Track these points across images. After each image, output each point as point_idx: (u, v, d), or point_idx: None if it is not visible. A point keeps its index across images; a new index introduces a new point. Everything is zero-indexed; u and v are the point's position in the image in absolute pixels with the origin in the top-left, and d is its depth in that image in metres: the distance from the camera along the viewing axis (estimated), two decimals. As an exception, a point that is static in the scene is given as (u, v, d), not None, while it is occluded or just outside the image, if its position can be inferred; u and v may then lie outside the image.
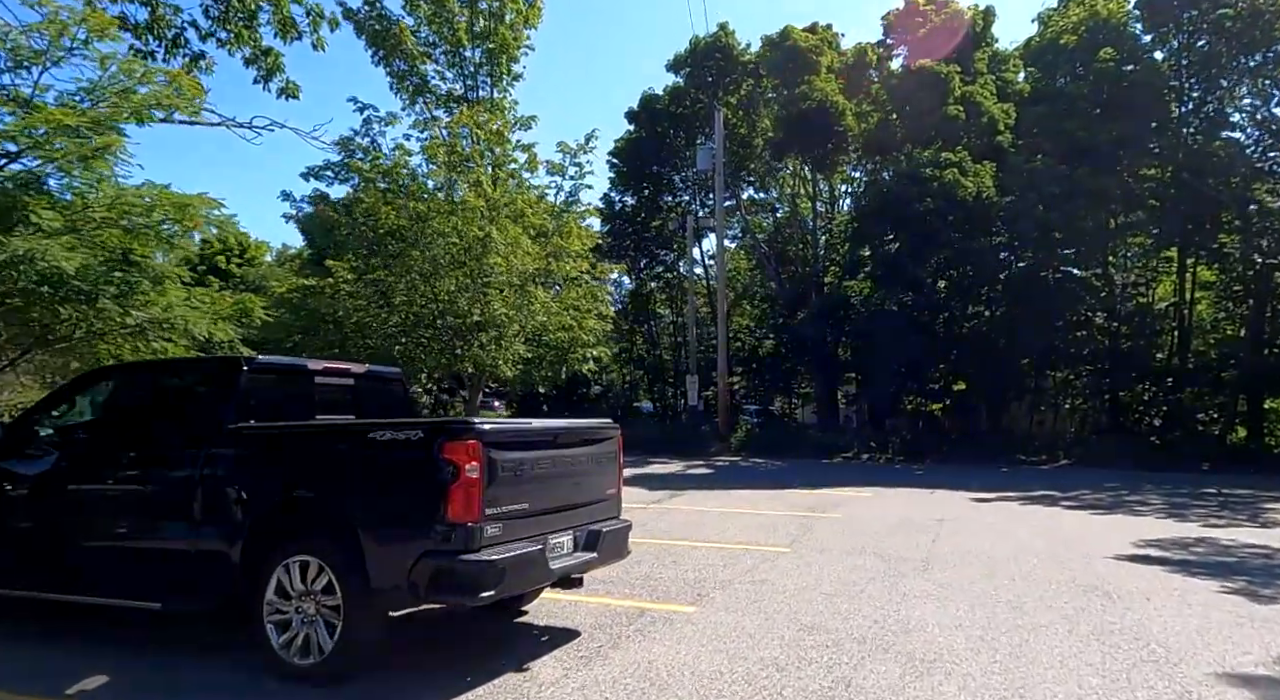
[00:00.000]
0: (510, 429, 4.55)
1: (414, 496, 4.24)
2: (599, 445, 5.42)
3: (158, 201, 6.91)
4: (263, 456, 4.73)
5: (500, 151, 13.91)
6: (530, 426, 4.75)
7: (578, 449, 5.15)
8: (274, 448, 4.75)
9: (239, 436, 4.77)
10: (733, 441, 25.08)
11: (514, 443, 4.53)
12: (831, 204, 31.34)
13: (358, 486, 4.38)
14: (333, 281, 13.93)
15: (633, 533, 10.00)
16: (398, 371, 6.42)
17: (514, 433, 4.57)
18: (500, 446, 4.37)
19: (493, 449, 4.30)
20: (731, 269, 40.49)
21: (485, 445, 4.24)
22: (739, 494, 14.39)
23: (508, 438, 4.48)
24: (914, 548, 8.97)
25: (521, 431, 4.64)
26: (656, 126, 31.36)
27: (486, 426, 4.31)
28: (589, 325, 14.49)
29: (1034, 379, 24.13)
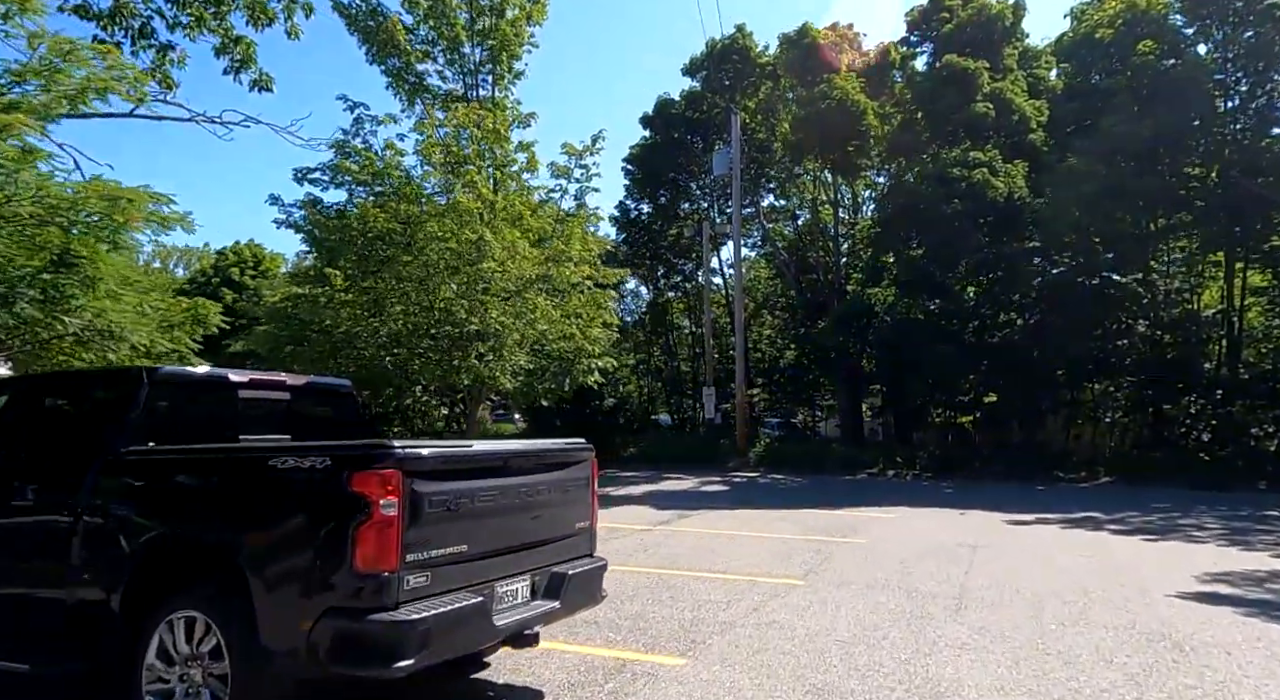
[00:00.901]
0: (444, 454, 3.71)
1: (316, 540, 3.43)
2: (566, 471, 4.58)
3: (83, 194, 6.25)
4: (149, 487, 3.95)
5: (501, 152, 13.22)
6: (472, 450, 3.90)
7: (537, 476, 4.31)
8: (160, 476, 3.97)
9: (128, 464, 4.00)
10: (751, 456, 24.08)
11: (449, 471, 3.70)
12: (854, 209, 30.31)
13: (252, 526, 3.57)
14: (325, 290, 13.31)
15: (632, 559, 9.16)
16: (347, 384, 5.64)
17: (449, 458, 3.74)
18: (429, 476, 3.55)
19: (418, 479, 3.47)
20: (751, 278, 39.57)
21: (407, 475, 3.42)
22: (753, 514, 13.43)
23: (440, 465, 3.66)
24: (944, 581, 7.98)
25: (459, 457, 3.81)
26: (672, 132, 30.62)
27: (411, 452, 3.48)
28: (593, 334, 13.68)
29: (1070, 391, 22.83)
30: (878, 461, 22.11)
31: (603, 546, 10.37)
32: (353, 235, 12.09)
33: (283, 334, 12.63)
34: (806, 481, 20.01)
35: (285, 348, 13.17)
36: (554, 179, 15.09)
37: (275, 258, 36.24)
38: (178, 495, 3.87)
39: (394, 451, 3.41)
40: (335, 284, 13.27)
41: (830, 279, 27.72)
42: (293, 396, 5.16)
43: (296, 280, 13.18)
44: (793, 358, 33.40)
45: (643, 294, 37.77)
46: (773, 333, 37.03)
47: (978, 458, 21.38)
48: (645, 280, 36.58)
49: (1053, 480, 19.89)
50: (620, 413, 29.27)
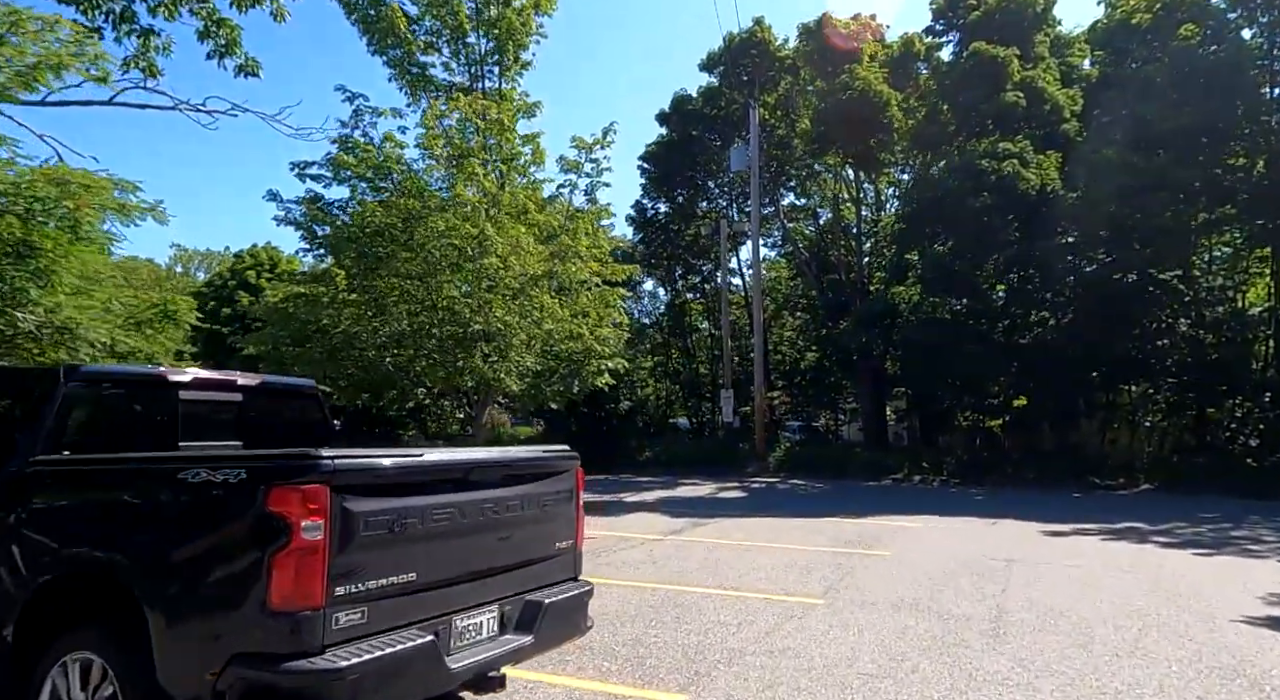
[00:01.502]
0: (385, 465, 3.13)
1: (225, 570, 2.86)
2: (545, 483, 3.98)
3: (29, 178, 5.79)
4: (48, 504, 3.42)
5: (506, 145, 12.69)
6: (422, 460, 3.31)
7: (508, 490, 3.71)
8: (61, 491, 3.44)
9: (30, 477, 3.47)
10: (771, 460, 23.34)
11: (393, 485, 3.11)
12: (876, 207, 29.45)
13: (153, 552, 3.01)
14: (325, 289, 12.87)
15: (638, 573, 8.53)
16: (310, 383, 5.10)
17: (392, 471, 3.15)
18: (367, 491, 2.97)
19: (352, 496, 2.90)
20: (771, 278, 38.78)
21: (338, 490, 2.84)
22: (771, 523, 12.74)
23: (380, 478, 3.07)
24: (979, 601, 7.26)
25: (406, 468, 3.21)
26: (690, 129, 30.00)
27: (343, 463, 2.90)
28: (602, 334, 13.09)
29: (1106, 393, 21.80)
30: (903, 466, 21.27)
31: (609, 558, 9.78)
32: (351, 231, 11.64)
33: (282, 335, 12.22)
34: (828, 487, 19.25)
35: (285, 349, 12.75)
36: (563, 173, 14.55)
37: (292, 260, 36.09)
38: (76, 514, 3.34)
39: (320, 462, 2.83)
40: (339, 283, 12.84)
41: (852, 278, 26.90)
42: (246, 398, 4.62)
43: (296, 279, 12.73)
44: (814, 360, 32.58)
45: (660, 295, 37.18)
46: (793, 334, 36.22)
47: (1008, 463, 20.46)
48: (663, 281, 35.97)
49: (1088, 487, 18.93)
50: (637, 416, 28.67)
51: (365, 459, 3.04)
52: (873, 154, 22.91)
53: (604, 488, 19.46)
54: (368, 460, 3.05)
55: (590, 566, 9.45)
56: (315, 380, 13.08)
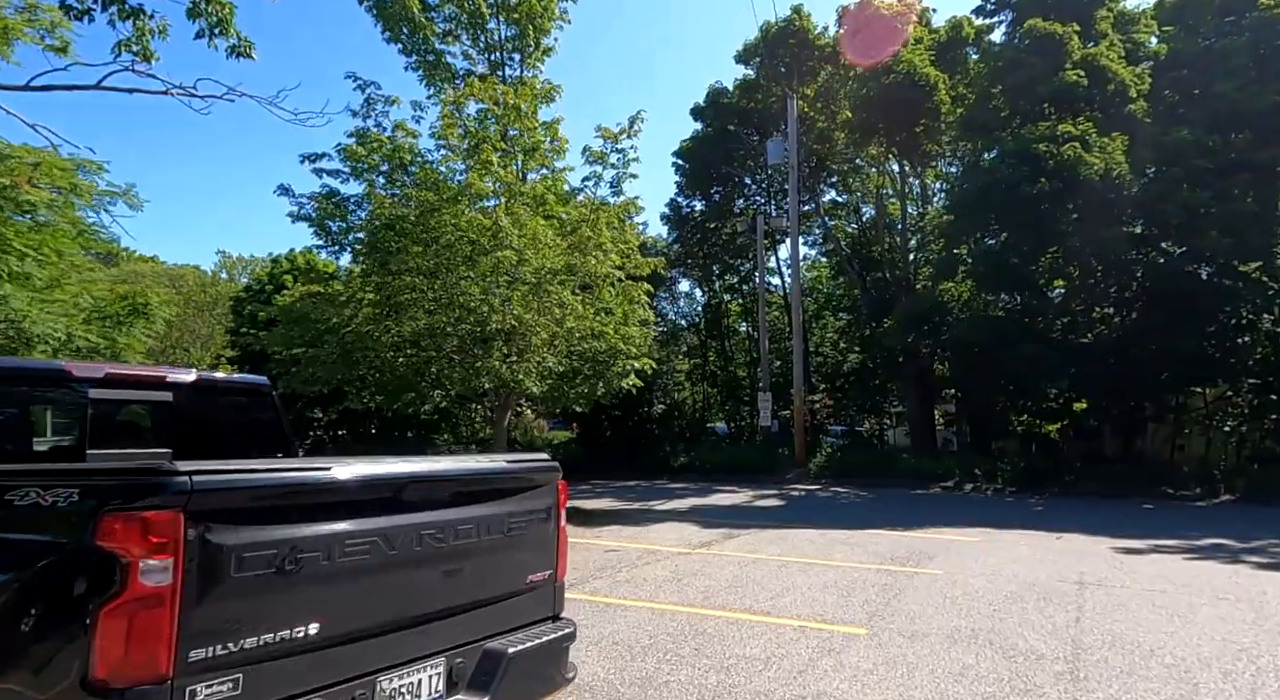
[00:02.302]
0: (269, 481, 2.38)
1: (39, 629, 2.15)
2: (512, 500, 3.21)
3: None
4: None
5: (526, 134, 12.02)
6: (327, 476, 2.54)
7: (460, 510, 2.95)
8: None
9: None
10: (811, 467, 22.24)
11: (281, 508, 2.37)
12: (922, 201, 28.07)
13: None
14: (342, 287, 12.39)
15: (660, 594, 7.71)
16: (262, 381, 4.43)
17: (278, 489, 2.40)
18: (241, 518, 2.24)
19: (217, 524, 2.17)
20: (812, 277, 37.57)
21: (195, 518, 2.12)
22: (810, 536, 11.78)
23: (261, 499, 2.33)
24: (1050, 633, 6.26)
25: (299, 486, 2.46)
26: (725, 123, 29.08)
27: (205, 479, 2.17)
28: (626, 332, 12.31)
29: (1176, 395, 20.16)
30: (953, 473, 19.97)
31: (629, 573, 8.98)
32: (364, 225, 11.12)
33: (294, 334, 11.76)
34: (872, 496, 18.13)
35: (299, 350, 12.28)
36: (588, 164, 13.82)
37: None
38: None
39: (169, 480, 2.10)
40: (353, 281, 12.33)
41: (897, 275, 25.61)
42: (181, 397, 3.94)
43: (310, 277, 12.25)
44: (857, 361, 31.30)
45: (697, 296, 36.29)
46: (835, 335, 34.98)
47: (1068, 471, 19.01)
48: (700, 281, 35.09)
49: (1160, 497, 17.42)
50: (673, 420, 27.81)
51: (243, 473, 2.29)
52: (918, 142, 21.65)
53: (635, 495, 18.67)
54: (247, 474, 2.30)
55: (608, 584, 8.69)
56: (330, 383, 12.67)
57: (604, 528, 12.82)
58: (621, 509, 15.70)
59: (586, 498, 18.18)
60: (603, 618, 6.91)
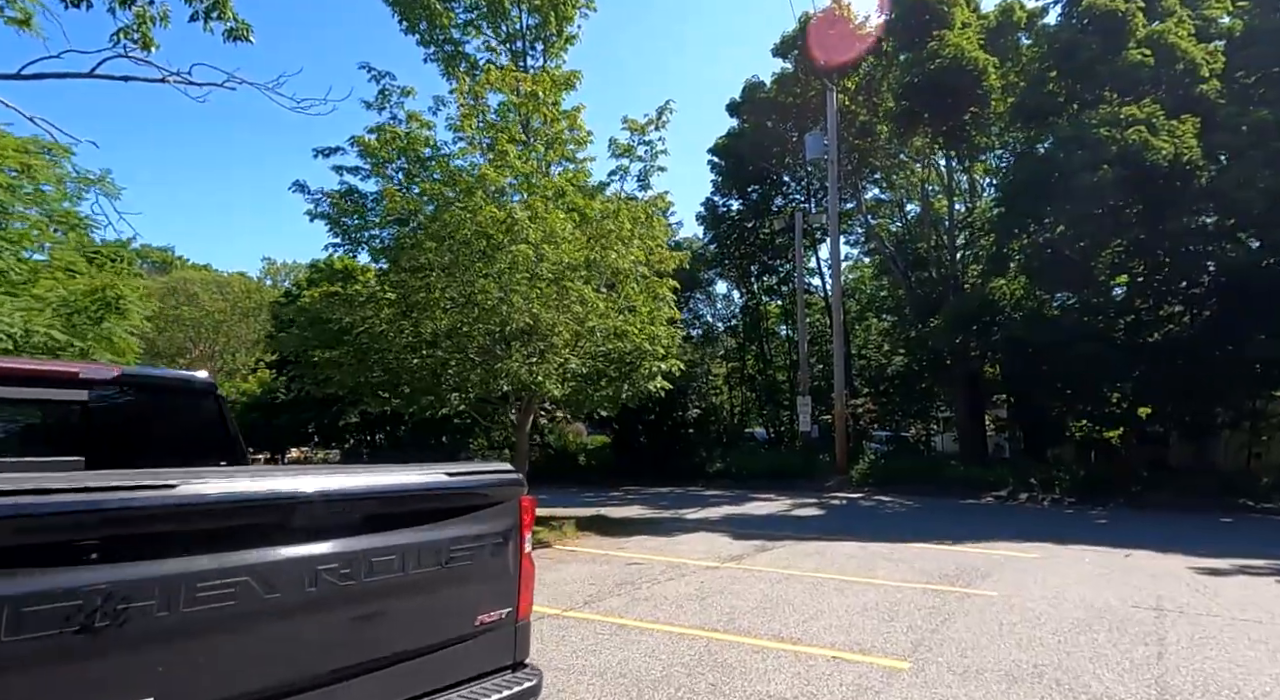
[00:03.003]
0: (73, 506, 1.76)
1: None
2: (454, 524, 2.57)
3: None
4: None
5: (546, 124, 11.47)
6: (175, 496, 1.92)
7: (375, 538, 2.32)
8: None
9: None
10: (853, 474, 21.24)
11: (90, 542, 1.76)
12: (970, 195, 26.76)
13: None
14: (360, 287, 12.00)
15: (680, 615, 7.01)
16: (200, 377, 3.89)
17: (85, 515, 1.78)
18: (14, 557, 1.63)
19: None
20: (854, 278, 36.39)
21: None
22: (850, 550, 10.93)
23: (53, 530, 1.72)
24: (1127, 672, 5.39)
25: (125, 510, 1.84)
26: (763, 119, 28.25)
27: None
28: (652, 332, 11.63)
29: (1254, 400, 18.63)
30: (1006, 482, 18.78)
31: (649, 590, 8.28)
32: (375, 220, 10.72)
33: (308, 336, 11.42)
34: (918, 505, 17.10)
35: (315, 351, 11.93)
36: (614, 158, 13.22)
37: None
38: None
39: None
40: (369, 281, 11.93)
41: (944, 273, 24.40)
42: (97, 397, 3.41)
43: (322, 274, 11.89)
44: (902, 364, 30.08)
45: (735, 298, 35.44)
46: (879, 337, 33.76)
47: (1133, 481, 17.67)
48: (737, 282, 34.25)
49: (1237, 509, 16.03)
50: (708, 425, 27.01)
51: (28, 494, 1.68)
52: (966, 132, 20.47)
53: (667, 502, 17.97)
54: (33, 496, 1.69)
55: (625, 602, 8.02)
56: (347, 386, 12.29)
57: (629, 538, 12.16)
58: (650, 517, 15.02)
59: (616, 505, 17.54)
60: (614, 642, 6.25)
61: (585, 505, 17.45)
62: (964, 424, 24.58)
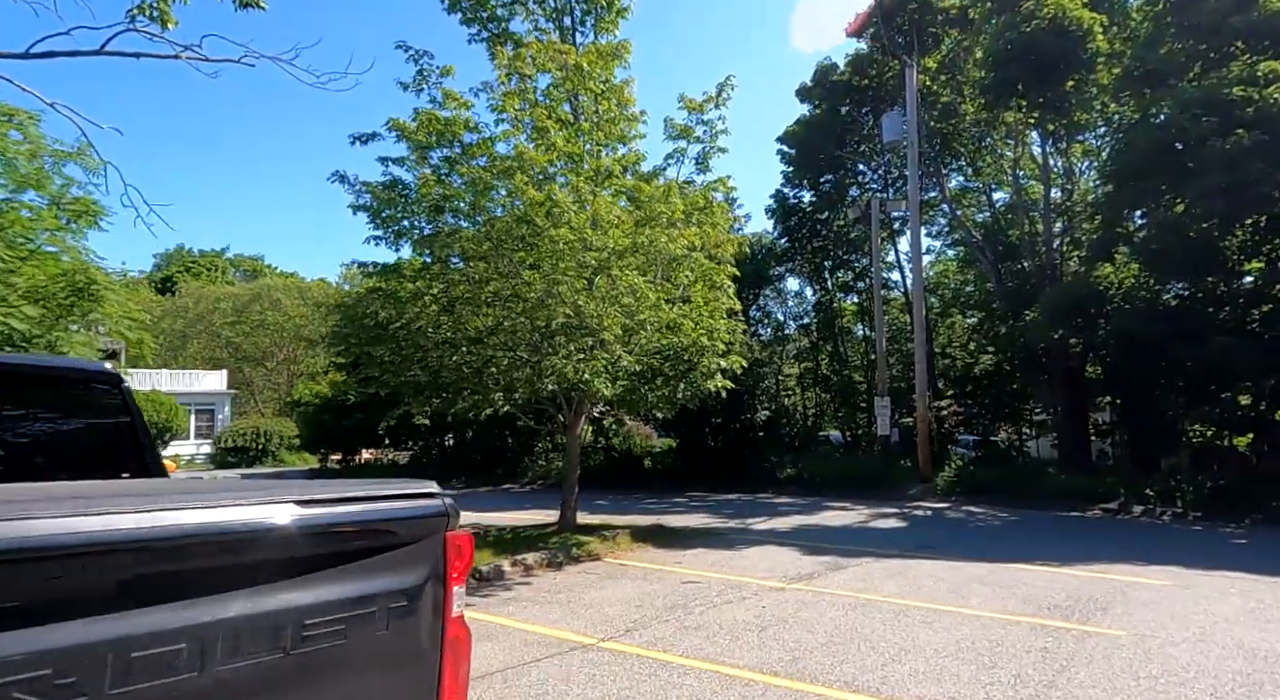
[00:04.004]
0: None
1: None
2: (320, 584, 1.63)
3: None
4: None
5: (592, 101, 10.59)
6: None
7: (153, 614, 1.39)
8: None
9: None
10: (938, 481, 19.54)
11: None
12: (1066, 179, 24.41)
13: None
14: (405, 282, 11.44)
15: (732, 651, 6.00)
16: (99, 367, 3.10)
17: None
18: None
19: None
20: (937, 272, 34.21)
21: None
22: (938, 569, 9.58)
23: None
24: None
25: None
26: (836, 104, 26.73)
27: None
28: (711, 325, 10.56)
29: None
30: (1115, 493, 16.74)
31: (701, 616, 7.21)
32: (411, 208, 10.08)
33: (348, 333, 10.91)
34: (1014, 518, 15.37)
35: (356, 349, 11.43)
36: (670, 141, 12.24)
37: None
38: None
39: None
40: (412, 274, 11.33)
41: (1039, 263, 22.27)
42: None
43: (366, 270, 11.35)
44: (990, 363, 27.86)
45: (808, 296, 33.82)
46: (964, 334, 31.52)
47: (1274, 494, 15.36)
48: (810, 279, 32.65)
49: (1407, 530, 13.63)
50: (779, 427, 25.61)
51: None
52: (1067, 103, 18.39)
53: (732, 510, 16.83)
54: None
55: (673, 631, 6.99)
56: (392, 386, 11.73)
57: (687, 551, 11.13)
58: (714, 527, 13.94)
59: (678, 512, 16.52)
60: (651, 686, 5.26)
61: (645, 512, 16.50)
62: (1063, 428, 22.38)
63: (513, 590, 8.56)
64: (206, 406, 43.25)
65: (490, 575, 9.05)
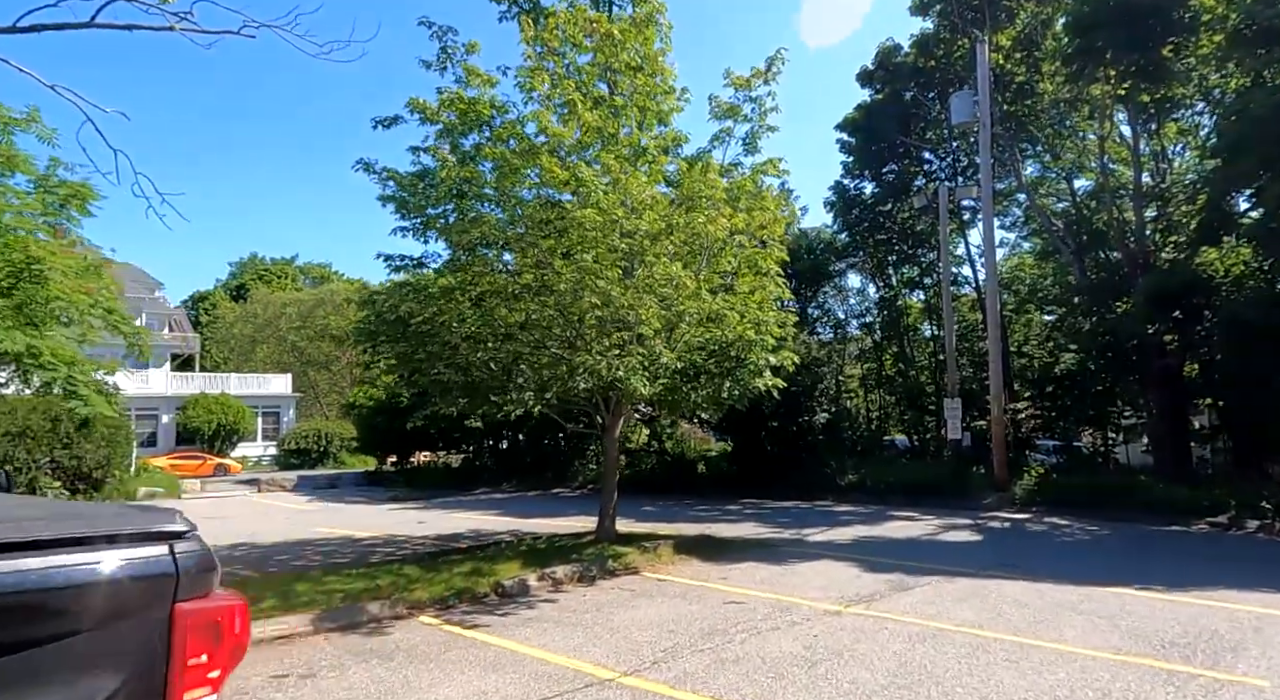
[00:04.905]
0: None
1: None
2: None
3: None
4: None
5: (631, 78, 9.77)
6: None
7: None
8: None
9: None
10: (1016, 490, 17.93)
11: None
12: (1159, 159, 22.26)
13: None
14: (430, 274, 10.86)
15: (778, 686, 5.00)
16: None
17: None
18: None
19: None
20: (1011, 267, 32.13)
21: None
22: (1021, 592, 8.33)
23: None
24: None
25: None
26: (900, 88, 25.21)
27: None
28: (757, 316, 9.56)
29: None
30: (1225, 506, 14.89)
31: (742, 646, 6.09)
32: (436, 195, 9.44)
33: (370, 328, 10.36)
34: (1105, 533, 13.78)
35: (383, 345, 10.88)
36: (715, 120, 11.30)
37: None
38: None
39: None
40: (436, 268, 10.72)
41: (1131, 251, 20.31)
42: None
43: (393, 263, 10.77)
44: (1073, 362, 25.76)
45: (870, 292, 32.23)
46: (1043, 330, 29.40)
47: None
48: (872, 275, 31.09)
49: None
50: (840, 430, 24.21)
51: None
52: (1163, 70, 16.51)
53: (788, 519, 15.70)
54: None
55: (707, 664, 5.99)
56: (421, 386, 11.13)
57: (735, 565, 10.15)
58: (765, 538, 12.89)
59: (730, 521, 15.51)
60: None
61: (694, 520, 15.55)
62: (1157, 432, 20.36)
63: (536, 608, 7.78)
64: (272, 409, 44.32)
65: (514, 591, 8.29)
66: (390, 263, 10.74)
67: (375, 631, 6.78)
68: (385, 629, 6.87)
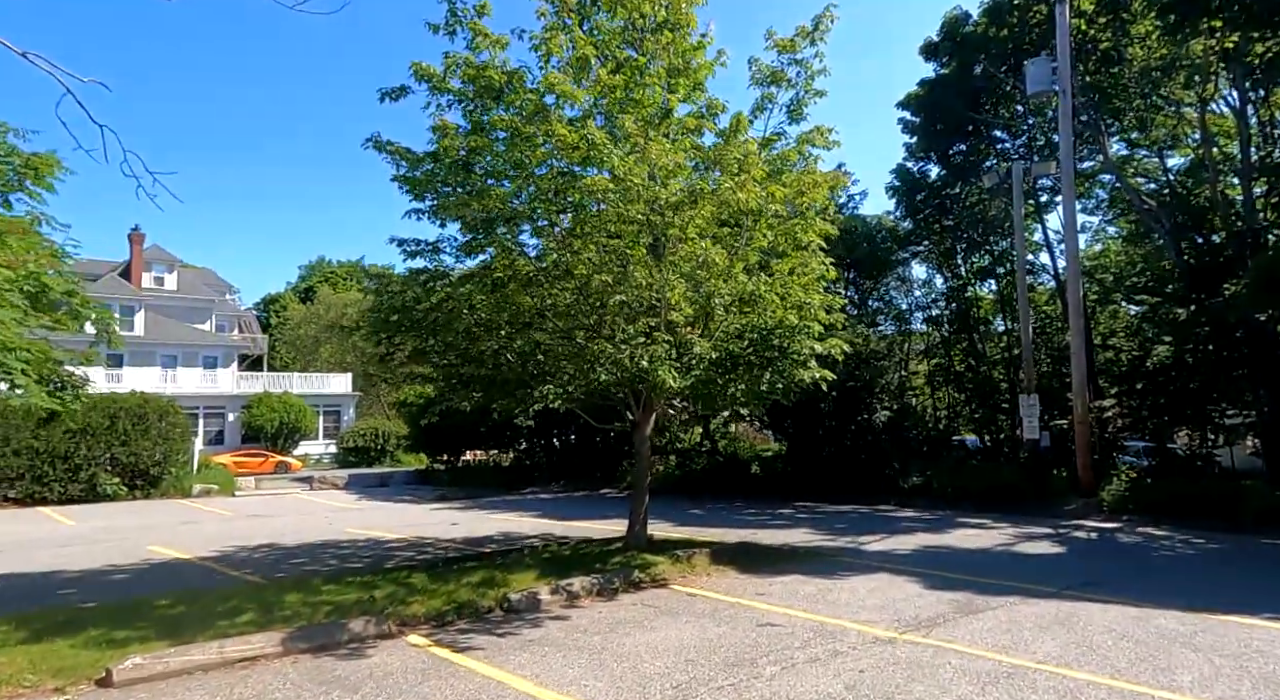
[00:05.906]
0: None
1: None
2: None
3: None
4: None
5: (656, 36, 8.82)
6: None
7: None
8: None
9: None
10: (1104, 496, 16.16)
11: None
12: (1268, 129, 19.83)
13: None
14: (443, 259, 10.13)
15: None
16: None
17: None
18: None
19: None
20: (1095, 253, 29.68)
21: None
22: (1118, 620, 6.98)
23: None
24: None
25: None
26: (968, 61, 23.37)
27: None
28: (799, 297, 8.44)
29: None
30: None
31: (775, 683, 4.19)
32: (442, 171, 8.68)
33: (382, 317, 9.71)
34: (1213, 546, 12.02)
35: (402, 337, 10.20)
36: (756, 87, 10.22)
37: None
38: None
39: None
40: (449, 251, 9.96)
41: (1238, 230, 18.10)
42: None
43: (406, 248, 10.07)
44: (1166, 354, 23.39)
45: (937, 284, 30.24)
46: (1131, 322, 26.95)
47: None
48: (939, 265, 29.12)
49: None
50: (905, 430, 22.60)
51: None
52: (1278, 16, 14.40)
53: (844, 525, 14.40)
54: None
55: None
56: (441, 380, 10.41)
57: (777, 577, 9.06)
58: (816, 546, 11.69)
59: (779, 525, 14.32)
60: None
61: (740, 525, 14.44)
62: (1271, 433, 18.11)
63: (541, 627, 6.89)
64: (333, 408, 45.09)
65: (521, 606, 7.43)
66: (405, 248, 10.03)
67: (352, 654, 6.01)
68: (365, 651, 6.10)
